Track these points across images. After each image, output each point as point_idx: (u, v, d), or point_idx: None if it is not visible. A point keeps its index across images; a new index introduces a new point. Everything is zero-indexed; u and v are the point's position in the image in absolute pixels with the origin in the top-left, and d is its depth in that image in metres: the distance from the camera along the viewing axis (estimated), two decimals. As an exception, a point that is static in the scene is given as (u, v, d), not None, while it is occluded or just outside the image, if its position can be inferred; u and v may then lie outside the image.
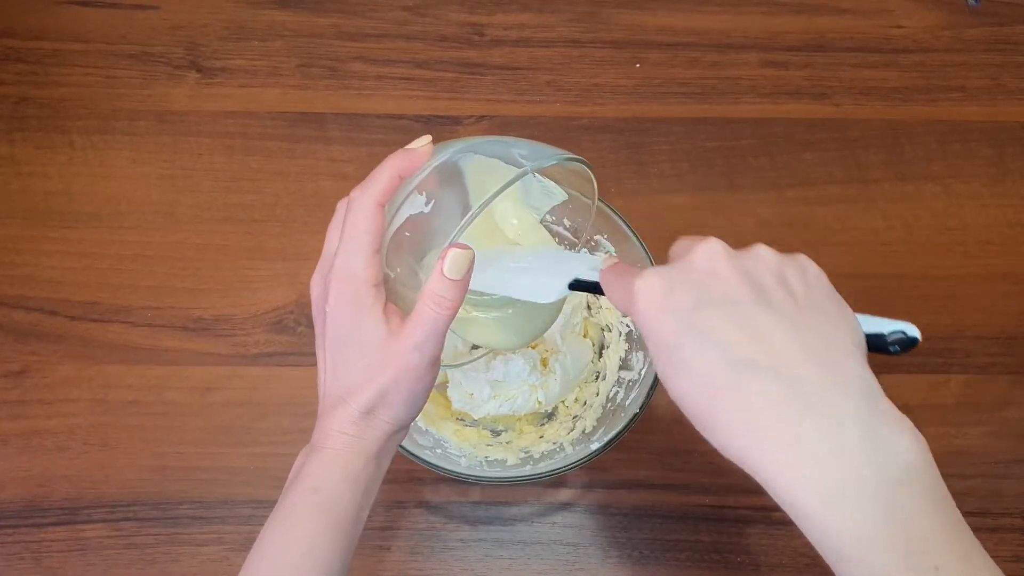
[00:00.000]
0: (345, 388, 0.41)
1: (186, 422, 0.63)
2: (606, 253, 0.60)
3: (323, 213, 0.70)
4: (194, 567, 0.60)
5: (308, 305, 0.67)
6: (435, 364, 0.42)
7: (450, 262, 0.39)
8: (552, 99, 0.74)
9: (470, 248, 0.40)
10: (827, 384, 0.34)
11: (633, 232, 0.59)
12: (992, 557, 0.65)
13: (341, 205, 0.43)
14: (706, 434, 0.35)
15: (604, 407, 0.61)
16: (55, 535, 0.60)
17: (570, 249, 0.64)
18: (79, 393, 0.64)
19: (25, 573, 0.59)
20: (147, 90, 0.74)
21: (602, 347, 0.65)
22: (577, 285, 0.47)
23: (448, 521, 0.61)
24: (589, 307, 0.65)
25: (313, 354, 0.65)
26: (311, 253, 0.69)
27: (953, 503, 0.33)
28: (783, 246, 0.73)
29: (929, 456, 0.33)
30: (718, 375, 0.34)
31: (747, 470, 0.34)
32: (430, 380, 0.42)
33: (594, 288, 0.46)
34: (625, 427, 0.54)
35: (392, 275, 0.43)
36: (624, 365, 0.62)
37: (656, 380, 0.55)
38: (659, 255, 0.61)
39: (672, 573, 0.60)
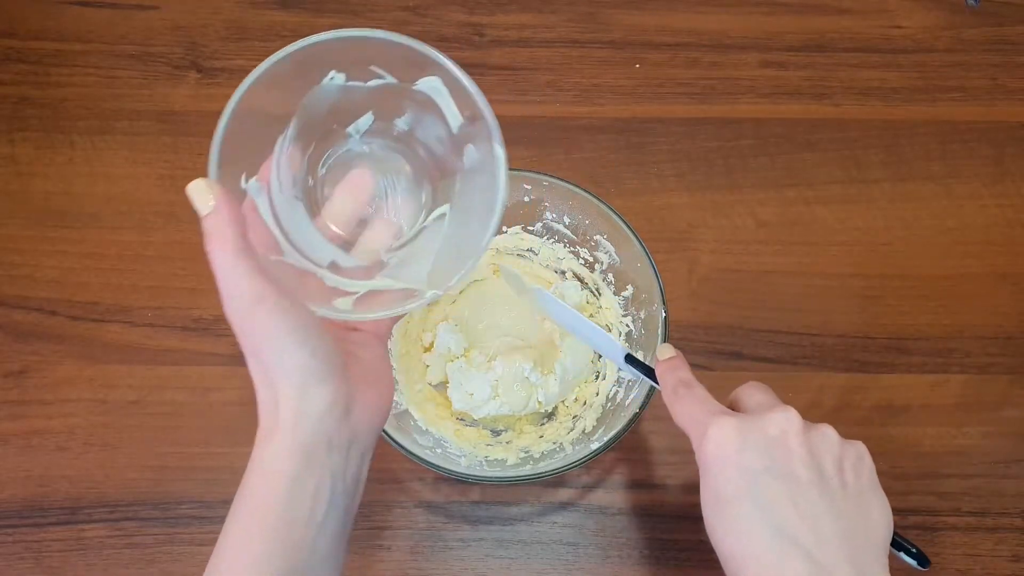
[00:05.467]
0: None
1: (186, 422, 0.64)
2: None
3: (323, 213, 0.70)
4: (194, 567, 0.60)
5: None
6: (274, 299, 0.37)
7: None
8: (552, 99, 0.74)
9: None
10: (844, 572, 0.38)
11: (633, 232, 0.59)
12: (992, 557, 0.65)
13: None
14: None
15: (604, 407, 0.61)
16: (55, 535, 0.60)
17: (570, 248, 0.65)
18: (79, 393, 0.64)
19: (25, 573, 0.59)
20: (147, 90, 0.74)
21: (602, 347, 0.65)
22: (630, 360, 0.52)
23: (448, 521, 0.61)
24: (588, 303, 0.65)
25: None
26: (311, 253, 0.69)
27: None
28: (783, 246, 0.74)
29: None
30: (762, 541, 0.39)
31: None
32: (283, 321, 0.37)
33: (647, 373, 0.51)
34: (625, 427, 0.54)
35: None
36: (624, 365, 0.62)
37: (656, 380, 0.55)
38: (659, 255, 0.61)
39: (672, 573, 0.60)
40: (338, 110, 0.46)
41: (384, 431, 0.54)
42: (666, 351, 0.50)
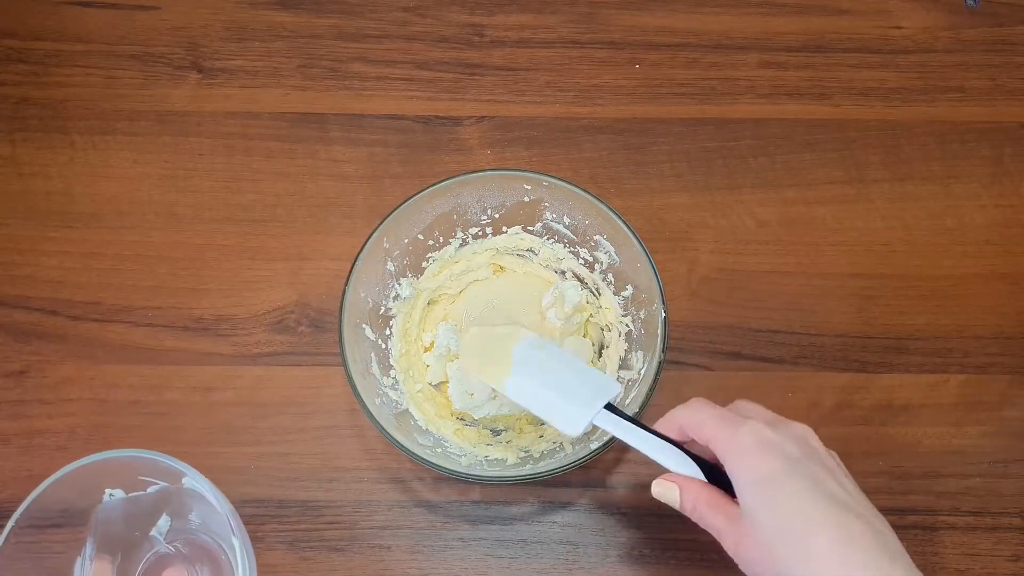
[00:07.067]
0: None
1: (187, 422, 0.64)
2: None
3: (324, 213, 0.70)
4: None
5: (309, 305, 0.67)
6: None
7: None
8: (552, 100, 0.75)
9: None
10: (893, 537, 0.43)
11: (633, 232, 0.59)
12: (991, 557, 0.65)
13: None
14: (785, 565, 0.42)
15: (604, 407, 0.61)
16: (55, 536, 0.60)
17: (570, 248, 0.65)
18: (80, 393, 0.64)
19: (25, 573, 0.59)
20: (148, 90, 0.74)
21: (602, 347, 0.65)
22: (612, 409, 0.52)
23: (448, 520, 0.61)
24: (588, 302, 0.66)
25: (314, 354, 0.66)
26: (312, 253, 0.69)
27: None
28: (782, 246, 0.74)
29: None
30: (823, 508, 0.42)
31: None
32: None
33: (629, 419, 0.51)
34: (625, 427, 0.54)
35: None
36: (624, 365, 0.62)
37: (655, 380, 0.56)
38: (659, 255, 0.61)
39: (672, 573, 0.60)
40: (133, 519, 0.51)
41: (384, 431, 0.55)
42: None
